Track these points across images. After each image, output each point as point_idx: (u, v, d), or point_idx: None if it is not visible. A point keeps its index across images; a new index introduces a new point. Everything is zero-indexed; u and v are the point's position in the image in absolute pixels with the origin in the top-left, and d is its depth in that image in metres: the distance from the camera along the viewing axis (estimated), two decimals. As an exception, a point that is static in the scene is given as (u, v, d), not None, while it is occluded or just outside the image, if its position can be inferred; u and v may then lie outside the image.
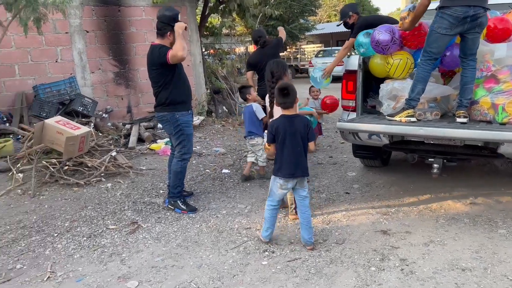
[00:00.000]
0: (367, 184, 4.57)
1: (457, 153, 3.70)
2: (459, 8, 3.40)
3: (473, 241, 3.16)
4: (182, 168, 3.97)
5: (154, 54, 3.69)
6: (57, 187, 4.70)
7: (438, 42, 3.57)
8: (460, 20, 3.41)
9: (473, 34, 3.50)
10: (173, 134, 3.90)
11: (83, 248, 3.33)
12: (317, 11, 26.78)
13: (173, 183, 3.99)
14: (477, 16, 3.41)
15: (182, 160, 3.96)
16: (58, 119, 5.16)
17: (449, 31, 3.48)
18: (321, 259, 3.01)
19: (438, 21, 3.52)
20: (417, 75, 3.70)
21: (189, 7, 8.10)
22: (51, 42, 6.76)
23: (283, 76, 3.60)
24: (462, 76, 3.59)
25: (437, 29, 3.52)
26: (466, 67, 3.57)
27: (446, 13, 3.45)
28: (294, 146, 3.09)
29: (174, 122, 3.83)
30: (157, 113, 3.92)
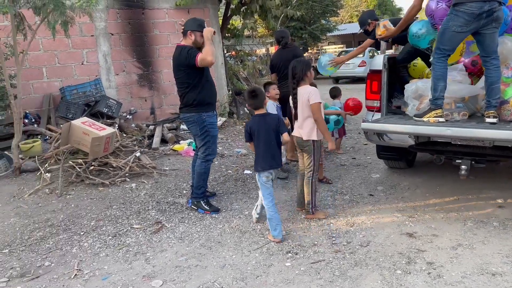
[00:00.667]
0: (391, 186, 4.49)
1: (486, 154, 3.59)
2: (474, 4, 3.31)
3: (504, 245, 3.06)
4: (206, 169, 4.00)
5: (182, 55, 3.73)
6: (83, 186, 4.80)
7: (453, 39, 3.50)
8: (476, 17, 3.33)
9: (491, 30, 3.40)
10: (199, 135, 3.92)
11: (109, 247, 3.38)
12: (338, 11, 26.54)
13: (196, 184, 4.02)
14: (492, 10, 3.32)
15: (206, 161, 3.97)
16: (84, 120, 5.27)
17: (464, 28, 3.40)
18: (345, 261, 2.97)
19: (452, 19, 3.43)
20: (434, 73, 3.61)
21: (211, 9, 8.16)
22: (78, 45, 6.92)
23: (304, 75, 3.56)
24: (487, 76, 3.50)
25: (451, 27, 3.44)
26: (489, 66, 3.47)
27: (461, 10, 3.37)
28: (269, 141, 3.38)
29: (201, 123, 3.86)
30: (183, 114, 3.95)
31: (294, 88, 3.62)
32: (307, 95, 3.50)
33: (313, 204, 3.70)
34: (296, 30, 19.95)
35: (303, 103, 3.55)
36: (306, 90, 3.54)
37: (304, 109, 3.57)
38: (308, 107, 3.53)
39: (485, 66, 3.52)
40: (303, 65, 3.60)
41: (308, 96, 3.50)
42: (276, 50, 5.51)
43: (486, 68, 3.50)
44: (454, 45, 3.55)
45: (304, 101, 3.54)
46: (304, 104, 3.55)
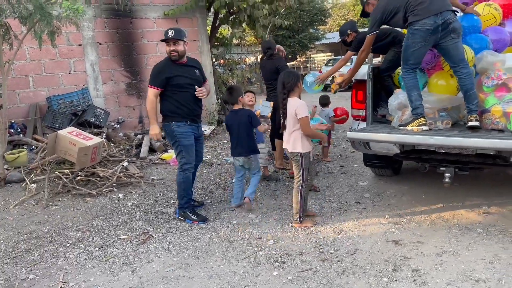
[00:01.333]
0: (378, 194, 4.54)
1: (469, 162, 3.66)
2: (427, 21, 3.46)
3: (487, 252, 3.11)
4: (184, 178, 3.97)
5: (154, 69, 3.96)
6: (70, 197, 4.76)
7: (416, 54, 3.62)
8: (432, 31, 3.47)
9: (451, 41, 3.53)
10: (172, 144, 4.03)
11: (95, 258, 3.35)
12: (326, 20, 26.88)
13: (178, 194, 4.03)
14: (447, 22, 3.46)
15: (183, 170, 3.96)
16: (71, 130, 5.24)
17: (424, 43, 3.55)
18: (332, 269, 2.99)
19: (411, 37, 3.58)
20: (406, 86, 3.73)
21: (199, 18, 8.21)
22: (65, 54, 6.90)
23: (294, 86, 3.58)
24: (461, 85, 3.61)
25: (411, 44, 3.58)
26: (460, 75, 3.58)
27: (416, 28, 3.52)
28: (238, 133, 4.11)
29: (171, 133, 3.91)
30: (161, 123, 4.04)
31: (284, 99, 3.60)
32: (295, 109, 3.53)
33: (301, 213, 3.72)
34: (284, 38, 20.14)
35: (291, 115, 3.57)
36: (295, 104, 3.56)
37: (291, 122, 3.60)
38: (294, 120, 3.56)
39: (456, 76, 3.63)
40: (294, 76, 3.61)
41: (295, 110, 3.52)
42: (261, 59, 5.62)
43: (459, 78, 3.61)
44: (419, 59, 3.68)
45: (291, 114, 3.56)
46: (291, 117, 3.58)
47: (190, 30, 8.03)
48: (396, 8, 3.66)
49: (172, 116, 3.89)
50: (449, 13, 3.50)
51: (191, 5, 7.69)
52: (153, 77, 3.90)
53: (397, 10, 3.66)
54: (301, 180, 3.66)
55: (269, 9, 8.26)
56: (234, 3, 7.56)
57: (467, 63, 3.59)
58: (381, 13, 3.76)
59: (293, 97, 3.60)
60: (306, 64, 25.16)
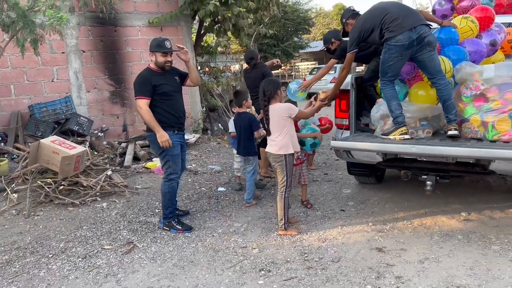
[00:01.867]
0: (362, 201, 4.60)
1: (449, 170, 3.75)
2: (401, 37, 3.58)
3: (467, 258, 3.18)
4: (170, 188, 3.94)
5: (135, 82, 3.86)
6: (52, 207, 4.69)
7: (393, 67, 3.73)
8: (407, 46, 3.58)
9: (427, 54, 3.65)
10: (158, 154, 3.96)
11: (78, 269, 3.31)
12: (310, 29, 27.18)
13: (163, 204, 3.99)
14: (422, 36, 3.58)
15: (169, 180, 3.94)
16: (53, 139, 5.18)
17: (400, 57, 3.66)
18: (317, 277, 3.01)
19: (387, 52, 3.69)
20: (385, 97, 3.83)
21: (184, 27, 8.23)
22: (48, 62, 6.82)
23: (274, 94, 3.66)
24: (439, 95, 3.72)
25: (389, 58, 3.69)
26: (438, 86, 3.69)
27: (392, 44, 3.63)
28: (240, 134, 4.63)
29: (158, 143, 3.81)
30: (146, 133, 4.05)
31: (266, 106, 3.69)
32: (284, 111, 3.62)
33: (285, 220, 3.75)
34: (269, 47, 20.27)
35: (277, 119, 3.64)
36: (280, 107, 3.65)
37: (277, 125, 3.65)
38: (282, 121, 3.62)
39: (434, 87, 3.75)
40: (274, 84, 3.70)
41: (287, 111, 3.62)
42: (245, 69, 5.68)
43: (437, 89, 3.72)
44: (396, 72, 3.79)
45: (279, 117, 3.63)
46: (277, 121, 3.64)
47: (175, 39, 8.03)
48: (372, 26, 3.78)
49: (161, 125, 3.81)
50: (423, 27, 3.61)
51: (176, 13, 7.71)
52: (141, 87, 3.80)
53: (373, 28, 3.77)
54: (284, 186, 3.69)
55: (253, 18, 8.33)
56: (219, 12, 7.60)
57: (444, 74, 3.70)
58: (358, 31, 3.88)
59: (276, 103, 3.68)
60: (290, 73, 25.37)
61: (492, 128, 3.50)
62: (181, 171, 4.14)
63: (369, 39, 3.87)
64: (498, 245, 3.37)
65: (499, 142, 3.47)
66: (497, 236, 3.54)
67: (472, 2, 4.35)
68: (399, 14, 3.65)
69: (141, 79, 3.84)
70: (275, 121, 3.66)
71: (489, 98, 3.62)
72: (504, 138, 3.45)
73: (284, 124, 3.63)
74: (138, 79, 3.85)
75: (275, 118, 3.66)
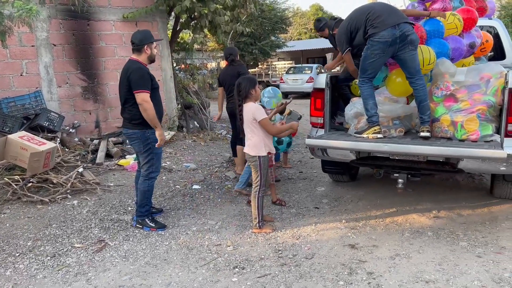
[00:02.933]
0: (335, 199, 4.65)
1: (420, 169, 3.84)
2: (385, 33, 3.65)
3: (436, 254, 3.27)
4: (149, 187, 3.89)
5: (135, 76, 3.63)
6: (20, 204, 4.54)
7: (374, 65, 3.80)
8: (390, 43, 3.65)
9: (409, 53, 3.71)
10: (142, 152, 3.83)
11: (47, 268, 3.22)
12: (287, 28, 27.34)
13: (140, 202, 3.90)
14: (405, 34, 3.64)
15: (149, 179, 3.88)
16: (22, 134, 5.02)
17: (382, 54, 3.73)
18: (290, 274, 3.03)
19: (370, 48, 3.75)
20: (362, 95, 3.90)
21: (160, 22, 8.11)
22: (16, 55, 6.59)
23: (249, 92, 3.60)
24: (416, 95, 3.80)
25: (370, 55, 3.75)
26: (416, 86, 3.77)
27: (375, 40, 3.69)
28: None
29: (145, 140, 3.76)
30: (126, 129, 3.84)
31: (240, 105, 3.67)
32: (251, 114, 3.57)
33: (259, 218, 3.75)
34: (246, 45, 20.27)
35: (248, 120, 3.62)
36: (250, 108, 3.60)
37: (249, 126, 3.64)
38: (253, 124, 3.60)
39: (412, 87, 3.82)
40: (248, 82, 3.63)
41: (252, 114, 3.56)
42: (226, 65, 5.65)
43: (414, 89, 3.80)
44: (376, 70, 3.86)
45: (249, 119, 3.61)
46: (249, 121, 3.62)
47: (151, 34, 7.92)
48: (357, 26, 3.83)
49: (146, 123, 3.70)
50: (406, 25, 3.68)
51: (152, 8, 7.58)
52: (143, 80, 3.64)
53: (358, 27, 3.83)
54: (258, 186, 3.69)
55: (230, 15, 8.29)
56: (196, 8, 7.52)
57: (422, 75, 3.76)
58: (345, 33, 3.94)
59: (249, 103, 3.63)
60: (267, 71, 25.42)
61: (461, 128, 3.61)
62: None
63: (356, 41, 3.91)
64: (466, 241, 3.48)
65: (467, 141, 3.58)
66: (464, 232, 3.65)
67: (444, 5, 4.46)
68: (383, 12, 3.71)
69: (142, 72, 3.67)
70: (246, 122, 3.65)
71: (458, 99, 3.73)
72: (472, 138, 3.57)
73: (255, 125, 3.60)
74: (139, 72, 3.65)
75: (246, 118, 3.64)
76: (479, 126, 3.55)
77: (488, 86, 3.65)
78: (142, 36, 3.76)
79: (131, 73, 3.65)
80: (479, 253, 3.26)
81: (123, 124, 3.92)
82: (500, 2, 23.65)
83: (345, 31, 3.93)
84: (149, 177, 3.88)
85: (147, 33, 3.83)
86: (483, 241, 3.46)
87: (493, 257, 3.18)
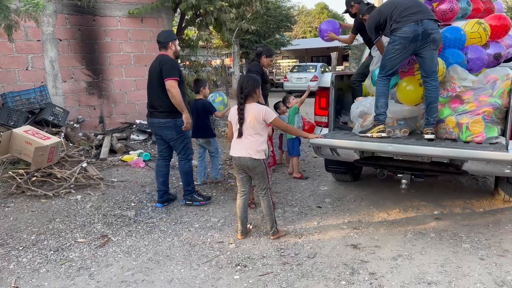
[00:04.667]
0: (338, 199, 4.65)
1: (424, 169, 3.83)
2: (407, 29, 3.60)
3: (439, 255, 3.26)
4: (190, 167, 4.41)
5: (167, 66, 4.04)
6: (24, 198, 4.56)
7: (393, 61, 3.75)
8: (412, 39, 3.60)
9: (429, 52, 3.65)
10: (176, 138, 4.25)
11: (50, 262, 3.23)
12: (292, 27, 27.26)
13: (185, 182, 4.41)
14: (428, 32, 3.59)
15: (188, 160, 4.37)
16: (27, 129, 5.04)
17: (403, 51, 3.68)
18: (292, 273, 3.03)
19: (391, 43, 3.72)
20: (377, 91, 3.86)
21: (165, 19, 8.11)
22: (22, 50, 6.61)
23: (252, 92, 3.42)
24: (427, 96, 3.75)
25: (391, 50, 3.72)
26: (429, 87, 3.72)
27: (397, 35, 3.66)
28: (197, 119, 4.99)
29: (177, 127, 4.19)
30: (158, 119, 4.20)
31: (241, 104, 3.43)
32: (261, 115, 3.38)
33: (274, 223, 3.62)
34: (251, 43, 20.23)
35: (254, 121, 3.40)
36: (257, 109, 3.40)
37: (253, 127, 3.41)
38: (258, 124, 3.40)
39: (425, 86, 3.76)
40: (252, 81, 3.45)
41: (262, 116, 3.39)
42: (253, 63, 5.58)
43: (426, 89, 3.74)
44: (395, 66, 3.80)
45: (255, 120, 3.40)
46: (255, 122, 3.40)
47: (155, 30, 7.91)
48: (385, 18, 3.79)
49: (177, 111, 4.14)
50: (430, 23, 3.61)
51: (157, 5, 7.59)
52: (173, 70, 4.06)
53: (386, 20, 3.79)
54: (267, 188, 3.57)
55: (236, 13, 8.28)
56: (201, 5, 7.52)
57: (437, 76, 3.71)
58: (374, 24, 3.90)
59: (252, 103, 3.44)
60: (271, 70, 25.40)
61: (466, 130, 3.59)
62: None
63: (384, 31, 3.89)
64: (469, 243, 3.47)
65: (472, 143, 3.56)
66: (467, 234, 3.64)
67: (451, 5, 4.43)
68: (408, 7, 3.67)
69: (173, 62, 4.12)
70: (249, 122, 3.41)
71: (464, 100, 3.71)
72: (477, 140, 3.55)
73: (262, 126, 3.43)
74: (170, 62, 4.09)
75: (249, 118, 3.41)
76: (485, 128, 3.53)
77: (494, 88, 3.62)
78: (166, 35, 4.23)
79: (164, 63, 4.06)
80: (482, 255, 3.25)
81: (152, 115, 4.26)
82: (507, 4, 23.52)
83: (375, 22, 3.90)
84: (188, 159, 4.36)
85: (171, 32, 4.42)
86: (486, 244, 3.45)
87: (496, 260, 3.17)
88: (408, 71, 4.08)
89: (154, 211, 4.30)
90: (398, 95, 4.06)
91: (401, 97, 4.03)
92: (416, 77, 3.92)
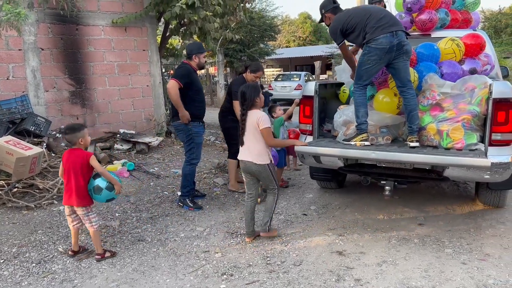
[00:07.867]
0: (323, 206, 4.68)
1: (407, 176, 3.90)
2: (383, 40, 3.68)
3: (422, 261, 3.31)
4: (191, 171, 4.61)
5: (177, 71, 4.56)
6: (5, 210, 4.47)
7: (369, 72, 3.85)
8: (387, 50, 3.69)
9: (402, 62, 3.78)
10: (185, 141, 4.58)
11: (32, 275, 3.17)
12: (276, 36, 27.51)
13: (183, 184, 4.61)
14: (401, 44, 3.71)
15: (191, 164, 4.59)
16: (8, 139, 4.95)
17: (379, 61, 3.77)
18: (279, 281, 3.04)
19: (367, 54, 3.79)
20: (355, 101, 3.95)
21: (149, 28, 8.10)
22: (3, 59, 6.51)
23: (255, 100, 3.54)
24: (406, 105, 3.84)
25: (366, 61, 3.79)
26: (406, 96, 3.82)
27: (372, 46, 3.73)
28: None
29: (187, 131, 4.50)
30: (174, 122, 4.60)
31: (244, 114, 3.54)
32: (256, 120, 3.49)
33: (270, 220, 3.76)
34: (235, 52, 20.33)
35: (253, 127, 3.51)
36: (255, 115, 3.52)
37: (254, 134, 3.52)
38: (256, 130, 3.50)
39: (402, 96, 3.88)
40: (253, 90, 3.56)
41: (257, 120, 3.48)
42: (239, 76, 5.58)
43: (404, 98, 3.85)
44: (370, 77, 3.91)
45: (254, 126, 3.50)
46: (253, 129, 3.51)
47: (140, 40, 7.91)
48: (355, 25, 3.83)
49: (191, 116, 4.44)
50: (403, 35, 3.73)
51: (141, 14, 7.58)
52: (181, 75, 4.42)
53: (355, 27, 3.83)
54: (276, 188, 3.68)
55: (220, 22, 8.32)
56: (185, 15, 7.54)
57: (412, 85, 3.83)
58: (340, 28, 3.92)
59: (255, 110, 3.56)
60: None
61: (447, 136, 3.67)
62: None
63: (350, 38, 3.92)
64: (451, 248, 3.53)
65: (452, 149, 3.65)
66: (450, 239, 3.71)
67: (430, 16, 4.56)
68: (381, 17, 3.74)
69: (185, 69, 4.48)
70: (251, 129, 3.54)
71: (444, 108, 3.80)
72: (457, 146, 3.63)
73: (259, 133, 3.51)
74: (183, 68, 4.49)
75: (251, 125, 3.52)
76: (464, 135, 3.62)
77: (473, 96, 3.72)
78: (192, 47, 4.58)
79: (177, 69, 4.58)
80: (464, 260, 3.31)
81: (173, 119, 4.69)
82: (484, 14, 24.21)
83: (341, 26, 3.91)
84: (191, 163, 4.59)
85: (198, 44, 4.67)
86: (468, 248, 3.52)
87: (477, 264, 3.23)
88: (383, 83, 4.21)
89: (139, 221, 4.27)
90: (375, 106, 4.15)
91: (378, 108, 4.13)
92: (391, 87, 4.05)
